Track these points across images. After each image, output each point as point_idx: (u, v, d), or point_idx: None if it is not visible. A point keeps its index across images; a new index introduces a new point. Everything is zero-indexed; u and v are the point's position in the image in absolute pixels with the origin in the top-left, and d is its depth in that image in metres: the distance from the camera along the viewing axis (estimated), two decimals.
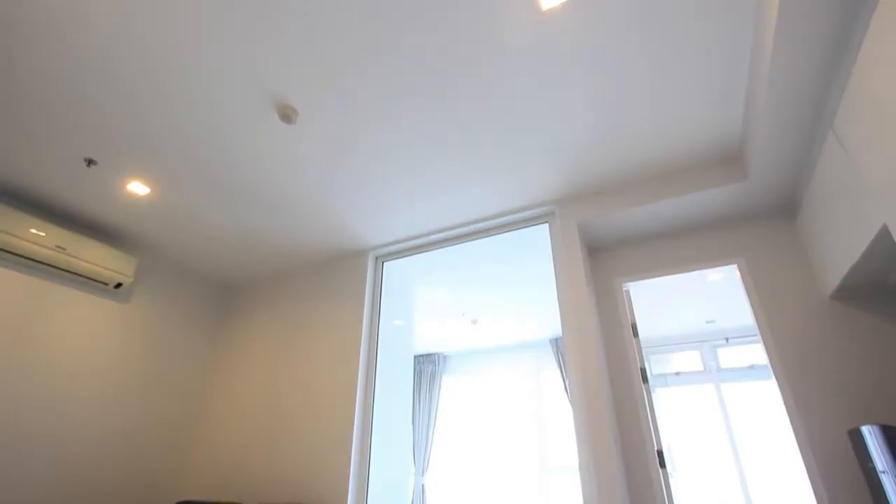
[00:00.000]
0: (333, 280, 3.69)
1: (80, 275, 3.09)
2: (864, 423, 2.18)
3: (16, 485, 2.69)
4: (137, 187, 2.83)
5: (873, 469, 1.91)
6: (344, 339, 3.39)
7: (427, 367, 6.47)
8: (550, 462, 5.47)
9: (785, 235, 2.72)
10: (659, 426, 2.77)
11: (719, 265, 2.81)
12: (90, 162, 2.60)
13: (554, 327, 5.52)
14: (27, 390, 2.83)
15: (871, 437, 1.90)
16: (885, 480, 1.84)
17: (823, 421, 2.30)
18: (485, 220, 3.17)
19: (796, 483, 4.19)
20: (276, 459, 3.23)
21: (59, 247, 2.94)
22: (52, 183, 2.79)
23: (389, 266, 3.70)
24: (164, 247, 3.57)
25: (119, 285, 3.30)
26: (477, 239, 3.28)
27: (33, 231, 2.83)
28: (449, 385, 6.47)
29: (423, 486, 5.83)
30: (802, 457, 2.29)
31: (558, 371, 5.65)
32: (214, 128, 2.36)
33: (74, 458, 2.97)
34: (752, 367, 4.75)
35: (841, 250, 2.12)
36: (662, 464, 2.62)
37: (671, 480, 2.82)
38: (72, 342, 3.10)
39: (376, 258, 3.68)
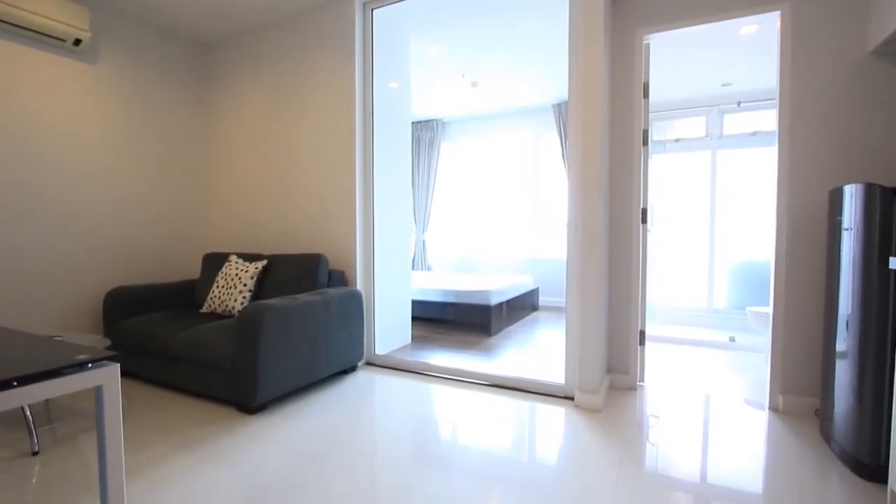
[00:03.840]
0: (319, 31, 3.28)
1: (26, 28, 2.72)
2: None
3: (60, 248, 2.98)
4: None
5: (839, 224, 2.05)
6: (337, 98, 3.22)
7: (426, 134, 6.41)
8: (541, 219, 5.98)
9: None
10: (648, 187, 2.88)
11: (760, 12, 2.43)
12: None
13: (557, 92, 5.21)
14: (32, 155, 2.85)
15: (851, 196, 1.94)
16: (846, 237, 1.97)
17: (810, 182, 2.37)
18: None
19: (762, 241, 4.67)
20: (287, 217, 3.50)
21: None
22: None
23: (380, 14, 3.23)
24: None
25: (78, 42, 2.95)
26: None
27: None
28: (447, 151, 6.53)
29: (423, 241, 6.53)
30: (776, 215, 2.45)
31: (557, 137, 5.61)
32: None
33: (105, 219, 3.21)
34: (754, 133, 4.68)
35: None
36: (644, 220, 2.84)
37: (648, 235, 3.10)
38: (46, 105, 2.95)
39: (364, 4, 3.18)
